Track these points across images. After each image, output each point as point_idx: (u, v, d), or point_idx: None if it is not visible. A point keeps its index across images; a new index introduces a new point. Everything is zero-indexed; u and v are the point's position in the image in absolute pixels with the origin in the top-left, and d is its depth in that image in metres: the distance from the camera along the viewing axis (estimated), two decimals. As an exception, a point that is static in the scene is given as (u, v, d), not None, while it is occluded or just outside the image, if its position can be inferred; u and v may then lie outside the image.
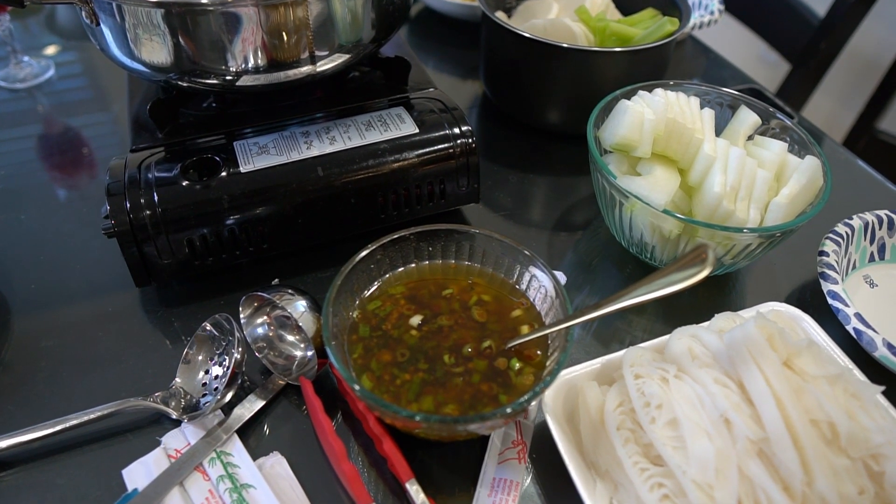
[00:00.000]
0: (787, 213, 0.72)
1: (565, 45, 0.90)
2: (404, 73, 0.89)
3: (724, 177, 0.72)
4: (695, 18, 1.25)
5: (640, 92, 0.81)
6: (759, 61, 2.24)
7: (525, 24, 1.03)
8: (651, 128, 0.74)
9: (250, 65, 0.74)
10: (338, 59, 0.79)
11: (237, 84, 0.76)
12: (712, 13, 1.27)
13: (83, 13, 0.75)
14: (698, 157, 0.75)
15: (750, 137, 0.84)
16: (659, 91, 0.81)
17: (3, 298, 0.80)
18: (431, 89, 0.90)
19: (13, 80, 1.17)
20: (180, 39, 0.72)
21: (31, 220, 0.91)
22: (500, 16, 1.12)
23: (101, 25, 0.75)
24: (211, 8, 0.68)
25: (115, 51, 0.77)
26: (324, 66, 0.78)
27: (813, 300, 0.82)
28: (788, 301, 0.82)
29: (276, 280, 0.81)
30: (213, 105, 0.86)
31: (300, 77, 0.78)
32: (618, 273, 0.85)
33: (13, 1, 0.71)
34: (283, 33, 0.73)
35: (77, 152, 1.03)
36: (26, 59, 1.19)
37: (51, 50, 1.27)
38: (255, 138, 0.80)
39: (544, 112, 1.01)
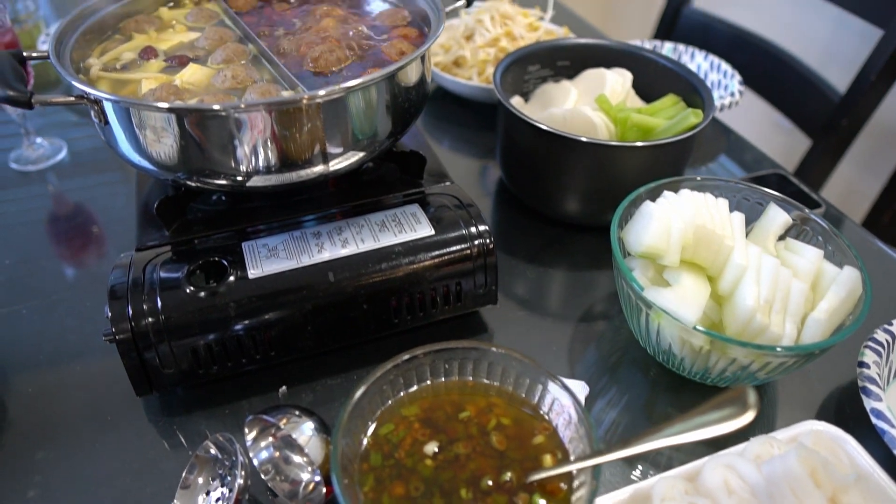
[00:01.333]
0: (826, 328, 0.68)
1: (585, 140, 0.87)
2: (419, 168, 0.87)
3: (757, 288, 0.69)
4: (715, 101, 1.23)
5: (666, 193, 0.78)
6: (776, 129, 2.22)
7: (543, 112, 1.01)
8: (679, 236, 0.71)
9: (261, 166, 0.72)
10: (352, 158, 0.76)
11: (248, 185, 0.74)
12: (732, 94, 1.25)
13: (92, 112, 0.73)
14: (729, 266, 0.71)
15: (781, 237, 0.80)
16: (685, 193, 0.77)
17: (1, 404, 0.76)
18: (447, 183, 0.88)
19: (25, 161, 1.15)
20: (190, 142, 0.70)
21: (32, 314, 0.88)
22: (516, 101, 1.10)
23: (110, 125, 0.73)
24: (223, 113, 0.66)
25: (124, 150, 0.75)
26: (337, 165, 0.76)
27: (853, 412, 0.77)
28: (825, 413, 0.77)
29: (284, 388, 0.77)
30: (223, 199, 0.84)
31: (313, 177, 0.75)
32: (642, 378, 0.80)
33: (21, 103, 0.69)
34: (296, 136, 0.70)
35: (84, 240, 1.01)
36: (39, 140, 1.18)
37: (64, 124, 1.25)
38: (265, 239, 0.77)
39: (563, 203, 0.98)
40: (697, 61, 1.38)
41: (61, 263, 0.97)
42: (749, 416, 0.48)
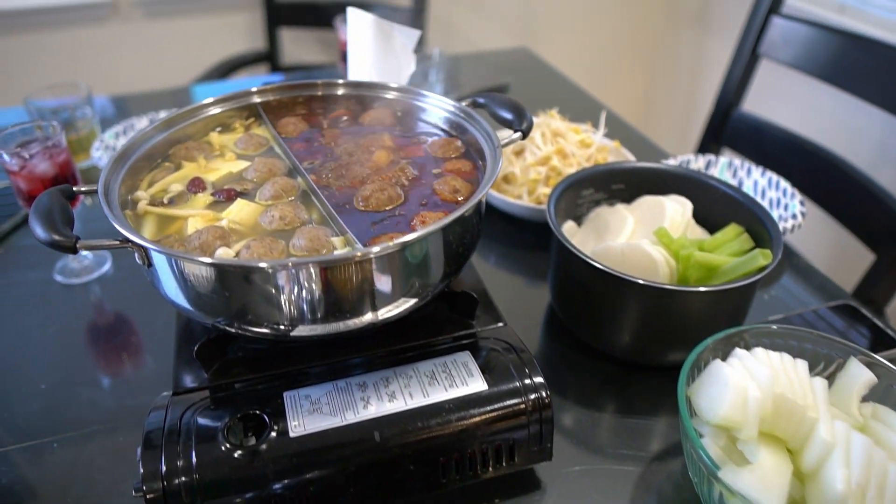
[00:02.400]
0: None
1: (644, 282, 0.82)
2: (471, 309, 0.82)
3: (847, 471, 0.62)
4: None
5: (738, 351, 0.72)
6: (835, 240, 2.15)
7: (599, 245, 0.96)
8: (757, 407, 0.65)
9: (307, 318, 0.68)
10: (402, 306, 0.72)
11: (292, 335, 0.70)
12: (794, 216, 1.20)
13: (136, 255, 0.71)
14: (813, 441, 0.64)
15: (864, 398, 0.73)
16: (760, 353, 0.72)
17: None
18: (500, 324, 0.83)
19: (70, 274, 1.14)
20: (234, 294, 0.67)
21: (64, 448, 0.84)
22: (569, 227, 1.06)
23: (154, 268, 0.71)
24: (269, 269, 0.63)
25: (167, 293, 0.72)
26: (387, 314, 0.72)
27: None
28: None
29: (321, 553, 0.71)
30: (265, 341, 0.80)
31: (360, 327, 0.71)
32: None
33: (67, 248, 0.67)
34: (345, 288, 0.67)
35: (122, 364, 0.98)
36: (83, 253, 1.17)
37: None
38: (308, 389, 0.73)
39: (619, 342, 0.92)
40: (754, 177, 1.33)
41: (98, 390, 0.93)
42: None
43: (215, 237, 0.71)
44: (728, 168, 1.36)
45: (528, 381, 0.75)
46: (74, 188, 0.77)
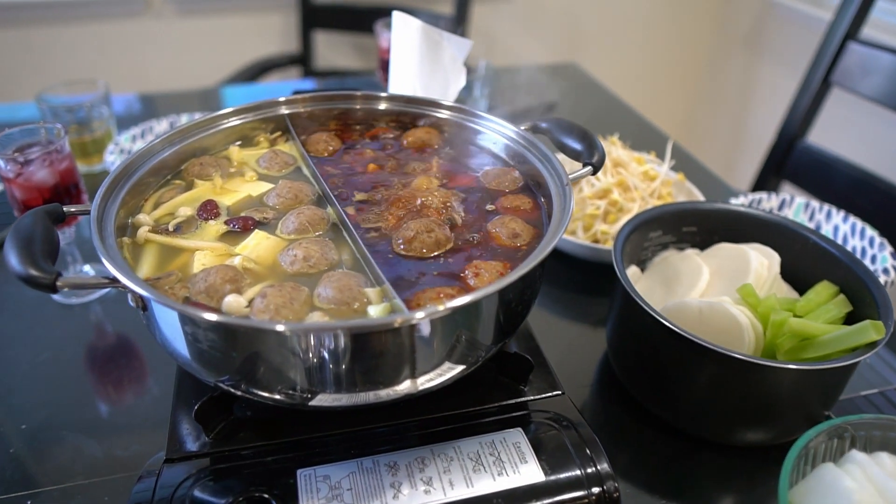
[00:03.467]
0: None
1: (727, 353, 0.69)
2: (523, 373, 0.69)
3: None
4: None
5: (858, 457, 0.58)
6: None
7: (672, 301, 0.83)
8: (894, 541, 0.51)
9: (328, 387, 0.56)
10: (447, 374, 0.60)
11: (311, 404, 0.58)
12: (886, 271, 1.05)
13: (129, 296, 0.58)
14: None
15: None
16: (886, 460, 0.58)
17: None
18: (557, 393, 0.70)
19: (69, 293, 1.03)
20: (242, 354, 0.54)
21: (41, 507, 0.72)
22: (632, 272, 0.92)
23: (150, 313, 0.58)
24: (287, 333, 0.51)
25: (163, 341, 0.60)
26: (428, 384, 0.59)
27: None
28: None
29: None
30: (279, 398, 0.68)
31: (395, 398, 0.58)
32: None
33: (43, 285, 0.55)
34: (379, 356, 0.54)
35: (113, 407, 0.86)
36: (86, 268, 1.06)
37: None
38: (327, 468, 0.60)
39: (688, 413, 0.79)
40: (835, 222, 1.19)
41: (86, 435, 0.81)
42: None
43: (225, 280, 0.59)
44: (804, 210, 1.22)
45: (591, 470, 0.62)
46: (65, 209, 0.65)
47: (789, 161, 1.76)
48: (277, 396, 0.57)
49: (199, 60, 2.54)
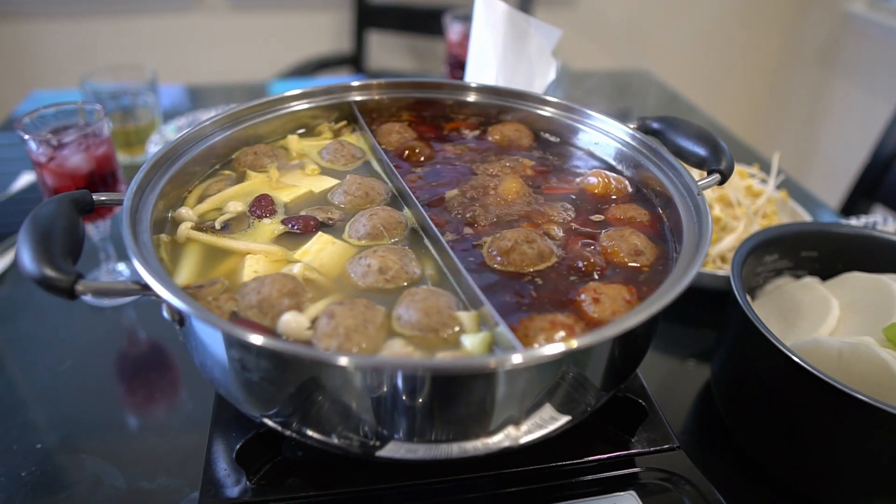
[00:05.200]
0: None
1: (884, 407, 0.56)
2: (632, 423, 0.57)
3: None
4: None
5: None
6: None
7: (803, 339, 0.69)
8: None
9: (402, 435, 0.44)
10: (551, 426, 0.47)
11: (378, 454, 0.46)
12: None
13: (163, 307, 0.47)
14: None
15: None
16: None
17: None
18: (670, 447, 0.57)
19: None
20: (298, 388, 0.43)
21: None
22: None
23: (188, 328, 0.47)
24: (351, 368, 0.39)
25: (202, 365, 0.49)
26: (528, 437, 0.46)
27: None
28: None
29: None
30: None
31: (486, 452, 0.46)
32: None
33: (59, 289, 0.45)
34: (471, 402, 0.42)
35: (143, 427, 0.75)
36: (121, 267, 0.95)
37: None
38: (395, 533, 0.48)
39: (826, 481, 0.65)
40: (961, 253, 1.03)
41: (107, 461, 0.70)
42: None
43: (282, 293, 0.47)
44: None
45: (725, 556, 0.48)
46: (95, 197, 0.54)
47: (884, 183, 1.61)
48: (338, 442, 0.46)
49: (250, 57, 2.48)
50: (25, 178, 1.15)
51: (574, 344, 0.38)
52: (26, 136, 0.77)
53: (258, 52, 2.47)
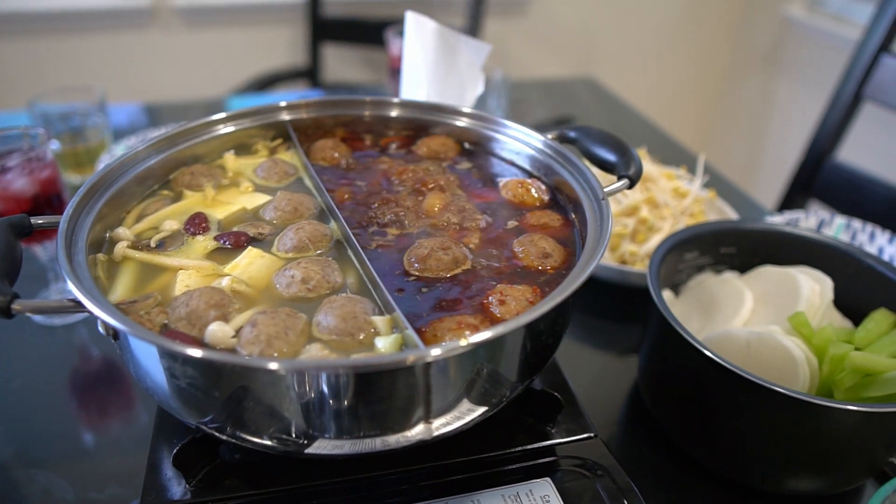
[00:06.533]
0: None
1: (784, 391, 0.61)
2: (550, 413, 0.61)
3: None
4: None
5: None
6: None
7: (715, 332, 0.74)
8: None
9: (328, 433, 0.47)
10: (466, 418, 0.51)
11: (307, 451, 0.49)
12: (939, 298, 0.96)
13: (98, 323, 0.50)
14: None
15: None
16: None
17: None
18: (588, 436, 0.61)
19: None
20: (228, 395, 0.46)
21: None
22: (667, 296, 0.84)
23: (122, 342, 0.50)
24: (280, 372, 0.42)
25: (138, 377, 0.52)
26: (443, 429, 0.50)
27: None
28: None
29: None
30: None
31: (405, 444, 0.50)
32: None
33: (1, 311, 0.47)
34: (389, 398, 0.46)
35: (92, 441, 0.77)
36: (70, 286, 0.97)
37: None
38: (324, 526, 0.52)
39: (738, 460, 0.70)
40: (879, 243, 1.10)
41: (58, 473, 0.72)
42: None
43: (209, 305, 0.51)
44: (845, 230, 1.13)
45: (635, 535, 0.53)
46: (33, 220, 0.57)
47: (818, 179, 1.68)
48: (269, 442, 0.49)
49: (206, 73, 2.49)
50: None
51: (463, 341, 0.41)
52: (-30, 162, 0.80)
53: (214, 68, 2.48)
